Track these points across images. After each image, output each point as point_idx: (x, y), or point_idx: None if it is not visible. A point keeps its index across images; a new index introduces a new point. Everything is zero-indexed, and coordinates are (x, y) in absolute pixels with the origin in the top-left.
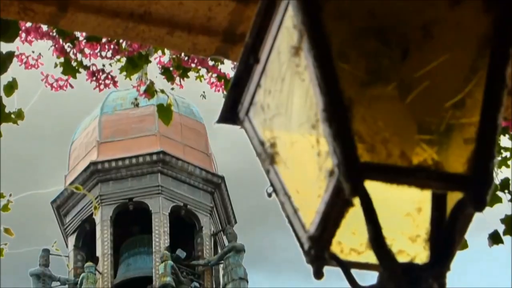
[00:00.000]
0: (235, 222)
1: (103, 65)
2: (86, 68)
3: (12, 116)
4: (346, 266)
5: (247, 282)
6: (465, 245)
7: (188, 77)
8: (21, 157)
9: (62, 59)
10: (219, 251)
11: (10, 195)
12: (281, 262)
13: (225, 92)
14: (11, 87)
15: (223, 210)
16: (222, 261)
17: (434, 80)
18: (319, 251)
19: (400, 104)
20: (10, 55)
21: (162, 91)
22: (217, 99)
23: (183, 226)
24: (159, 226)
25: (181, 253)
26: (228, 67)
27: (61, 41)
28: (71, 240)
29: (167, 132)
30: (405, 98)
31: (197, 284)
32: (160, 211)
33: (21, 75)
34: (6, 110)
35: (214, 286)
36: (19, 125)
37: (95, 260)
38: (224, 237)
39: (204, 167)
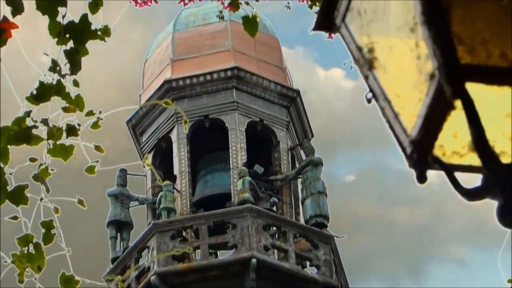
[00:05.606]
0: (312, 136)
1: None
2: None
3: (99, 33)
4: (449, 169)
5: (326, 196)
6: None
7: None
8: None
9: None
10: (297, 165)
11: (100, 112)
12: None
13: (309, 2)
14: (96, 4)
15: (300, 124)
16: (300, 176)
17: None
18: (421, 155)
19: (499, 5)
20: None
21: (247, 3)
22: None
23: (260, 142)
24: (235, 142)
25: (258, 168)
26: None
27: None
28: (148, 159)
29: (240, 48)
30: None
31: (275, 199)
32: (236, 127)
33: None
34: (92, 27)
35: (293, 201)
36: (106, 41)
37: (173, 178)
38: (302, 151)
39: (279, 81)
